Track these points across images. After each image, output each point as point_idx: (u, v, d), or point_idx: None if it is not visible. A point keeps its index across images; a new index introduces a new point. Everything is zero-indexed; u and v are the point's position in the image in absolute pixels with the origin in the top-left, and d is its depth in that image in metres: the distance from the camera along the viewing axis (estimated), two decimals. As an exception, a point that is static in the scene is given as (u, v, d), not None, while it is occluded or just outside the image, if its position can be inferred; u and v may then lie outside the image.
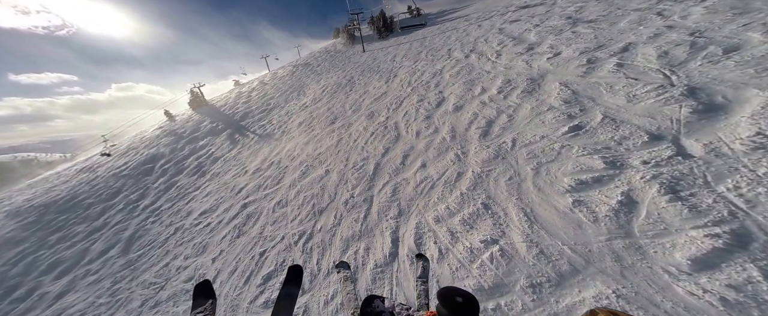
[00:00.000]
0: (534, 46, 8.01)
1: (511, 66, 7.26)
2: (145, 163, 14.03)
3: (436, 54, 11.94)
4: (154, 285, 6.05)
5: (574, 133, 3.90)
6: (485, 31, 12.44)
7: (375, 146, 5.95)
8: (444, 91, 7.52)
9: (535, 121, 4.58)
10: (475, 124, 5.30)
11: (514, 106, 5.41)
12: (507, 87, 6.20)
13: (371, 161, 5.33)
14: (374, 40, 29.72)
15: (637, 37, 5.98)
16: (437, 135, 5.49)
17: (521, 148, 4.06)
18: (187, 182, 10.46)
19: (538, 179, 3.39)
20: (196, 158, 12.31)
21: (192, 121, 19.20)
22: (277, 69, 31.97)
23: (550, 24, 9.34)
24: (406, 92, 8.67)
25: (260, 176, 8.02)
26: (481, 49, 9.89)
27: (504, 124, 4.93)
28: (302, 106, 13.09)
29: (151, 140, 17.84)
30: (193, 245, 6.65)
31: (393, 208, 3.86)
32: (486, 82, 6.91)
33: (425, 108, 6.92)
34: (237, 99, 21.84)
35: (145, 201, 10.24)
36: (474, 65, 8.56)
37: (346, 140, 6.96)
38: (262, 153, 9.68)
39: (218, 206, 7.81)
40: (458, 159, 4.43)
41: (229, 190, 8.36)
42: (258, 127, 13.10)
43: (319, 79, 18.07)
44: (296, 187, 6.28)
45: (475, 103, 6.07)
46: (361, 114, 8.49)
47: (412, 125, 6.27)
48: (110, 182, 12.96)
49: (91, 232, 9.69)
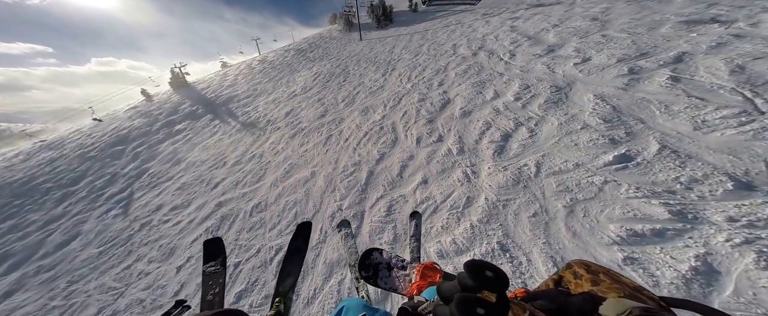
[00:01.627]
0: (554, 48, 7.21)
1: (528, 69, 6.49)
2: (114, 144, 12.92)
3: (440, 49, 11.13)
4: (113, 291, 5.40)
5: (621, 165, 3.14)
6: (494, 27, 11.63)
7: (368, 150, 5.29)
8: (449, 92, 6.76)
9: (566, 142, 3.79)
10: (488, 136, 4.55)
11: (535, 118, 4.63)
12: (525, 93, 5.45)
13: (364, 168, 4.70)
14: (372, 28, 28.64)
15: (691, 46, 5.06)
16: (441, 145, 4.79)
17: (549, 177, 3.34)
18: (159, 169, 9.62)
19: (572, 221, 2.72)
20: (172, 142, 11.38)
21: (171, 103, 17.92)
22: (267, 52, 30.47)
23: (572, 25, 8.44)
24: (405, 89, 7.97)
25: (240, 171, 7.34)
26: (491, 47, 9.01)
27: (524, 141, 4.13)
28: (291, 95, 12.27)
29: (123, 120, 16.53)
30: (159, 246, 5.99)
31: (387, 231, 3.28)
32: (499, 86, 6.15)
33: (427, 109, 6.18)
34: (222, 82, 20.57)
35: (112, 189, 9.35)
36: (483, 64, 7.75)
37: (335, 138, 6.33)
38: (244, 143, 8.94)
39: (191, 201, 7.12)
40: (467, 179, 3.76)
41: (204, 183, 7.64)
42: (242, 113, 12.22)
43: (311, 67, 17.12)
44: (278, 188, 5.67)
45: (487, 109, 5.33)
46: (354, 109, 7.84)
47: (412, 129, 5.56)
48: (74, 164, 11.85)
49: (48, 221, 8.78)
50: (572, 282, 0.61)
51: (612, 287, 0.54)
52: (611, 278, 0.57)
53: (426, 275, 0.97)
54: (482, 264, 0.46)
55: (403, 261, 1.07)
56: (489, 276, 0.44)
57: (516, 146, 4.07)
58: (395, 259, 1.09)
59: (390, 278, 1.04)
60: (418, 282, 0.96)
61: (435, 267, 1.00)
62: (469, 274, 0.45)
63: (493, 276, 0.45)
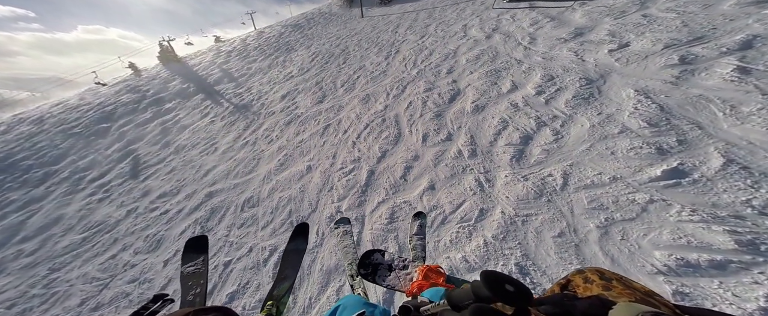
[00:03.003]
0: (583, 30, 6.24)
1: (552, 56, 5.68)
2: (99, 121, 12.35)
3: (448, 30, 10.24)
4: (97, 281, 5.20)
5: (671, 182, 2.60)
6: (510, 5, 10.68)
7: (369, 145, 4.89)
8: (459, 81, 6.08)
9: (600, 150, 3.23)
10: (505, 137, 3.98)
11: (562, 117, 3.95)
12: (549, 86, 4.72)
13: (364, 166, 4.34)
14: (374, 4, 27.20)
15: (765, 28, 4.03)
16: (451, 145, 4.27)
17: (579, 191, 2.87)
18: (147, 151, 9.21)
19: (607, 244, 2.34)
20: (161, 123, 10.87)
21: (159, 79, 17.08)
22: (263, 27, 29.00)
23: (605, 3, 7.34)
24: (410, 75, 7.37)
25: (231, 159, 6.99)
26: (506, 29, 8.11)
27: (548, 145, 3.57)
28: (287, 76, 11.65)
29: (108, 96, 15.77)
30: (146, 236, 5.75)
31: (390, 241, 2.98)
32: (518, 76, 5.40)
33: (435, 101, 5.59)
34: (215, 58, 19.59)
35: (95, 171, 8.97)
36: (499, 49, 6.93)
37: (334, 128, 5.93)
38: (237, 128, 8.51)
39: (180, 189, 6.81)
40: (480, 188, 3.33)
41: (194, 170, 7.31)
42: (234, 94, 11.64)
43: (309, 45, 16.27)
44: (271, 181, 5.37)
45: (503, 104, 4.69)
46: (354, 95, 7.38)
47: (418, 124, 5.04)
48: (56, 141, 11.34)
49: (28, 202, 8.46)
50: (581, 286, 0.58)
51: (623, 292, 0.52)
52: (624, 284, 0.54)
53: (429, 276, 0.94)
54: (502, 277, 0.46)
55: (404, 261, 1.04)
56: (510, 291, 0.43)
57: (538, 151, 3.53)
58: (397, 260, 1.06)
59: (389, 276, 1.01)
60: (419, 281, 0.93)
61: (439, 270, 0.97)
62: (487, 285, 0.44)
63: (514, 291, 0.43)
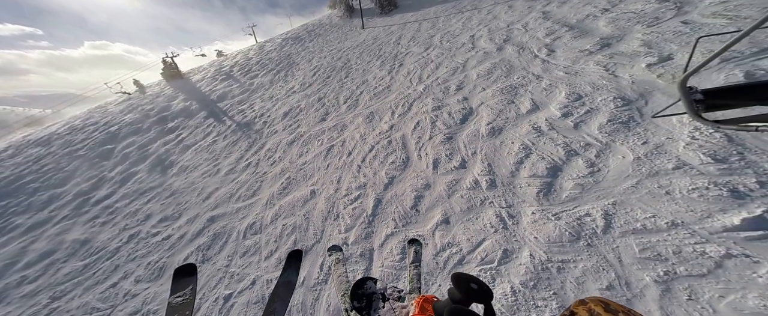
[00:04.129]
0: (610, 41, 5.73)
1: (576, 70, 5.22)
2: (104, 143, 12.57)
3: (455, 41, 10.03)
4: (97, 312, 5.14)
5: (758, 234, 2.18)
6: (521, 14, 10.10)
7: (375, 170, 4.71)
8: (471, 99, 5.71)
9: (650, 188, 2.77)
10: (528, 166, 3.60)
11: (596, 146, 3.49)
12: (577, 107, 4.23)
13: (370, 193, 4.20)
14: (375, 15, 27.65)
15: None
16: (465, 173, 3.93)
17: (626, 236, 2.48)
18: (149, 174, 9.28)
19: (670, 304, 2.00)
20: (163, 143, 11.01)
21: (163, 97, 17.44)
22: (264, 41, 29.64)
23: (631, 8, 6.74)
24: (416, 91, 7.17)
25: (234, 181, 6.98)
26: (520, 40, 7.71)
27: (582, 179, 3.15)
28: (289, 91, 11.77)
29: (113, 116, 16.12)
30: (148, 263, 5.71)
31: (403, 279, 2.87)
32: (538, 93, 5.00)
33: (445, 122, 5.26)
34: (216, 74, 19.99)
35: (99, 193, 9.05)
36: (513, 63, 6.48)
37: (338, 150, 5.88)
38: (239, 148, 8.55)
39: (182, 213, 6.81)
40: (503, 225, 3.01)
41: (196, 193, 7.31)
42: (237, 111, 11.77)
43: (310, 59, 16.50)
44: (274, 206, 5.31)
45: (524, 127, 4.28)
46: (357, 113, 7.36)
47: (427, 147, 4.74)
48: (62, 163, 11.55)
49: (32, 227, 8.54)
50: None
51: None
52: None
53: (425, 308, 0.90)
54: (468, 277, 0.53)
55: (400, 292, 1.02)
56: (473, 288, 0.51)
57: (570, 185, 3.14)
58: (390, 289, 1.03)
59: (384, 309, 0.98)
60: (415, 314, 0.89)
61: (435, 300, 0.95)
62: (455, 285, 0.52)
63: (478, 288, 0.51)
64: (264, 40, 31.06)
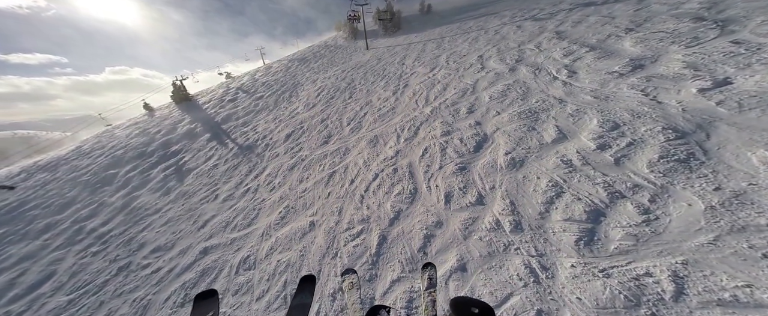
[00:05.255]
0: (643, 61, 5.26)
1: (607, 94, 4.72)
2: (108, 167, 12.67)
3: (462, 61, 9.78)
4: (74, 357, 4.77)
5: None
6: (531, 34, 9.89)
7: (380, 201, 4.32)
8: (484, 124, 5.29)
9: (735, 247, 2.23)
10: (561, 208, 3.07)
11: (649, 188, 2.94)
12: (615, 137, 3.68)
13: (374, 228, 3.80)
14: (379, 36, 28.47)
15: None
16: (484, 211, 3.43)
17: (710, 308, 1.97)
18: (148, 199, 9.15)
19: None
20: (164, 167, 10.99)
21: (170, 119, 17.82)
22: (271, 63, 30.69)
23: (661, 27, 6.31)
24: (423, 114, 6.83)
25: (231, 208, 6.73)
26: (534, 60, 7.36)
27: (635, 229, 2.62)
28: (292, 113, 11.78)
29: (120, 139, 16.45)
30: (133, 300, 5.37)
31: None
32: (563, 119, 4.47)
33: (456, 149, 4.80)
34: (223, 96, 20.50)
35: (96, 221, 8.91)
36: (529, 85, 6.13)
37: (340, 177, 5.60)
38: (239, 172, 8.39)
39: (175, 243, 6.53)
40: (534, 278, 2.53)
41: (192, 221, 7.07)
42: (240, 134, 11.78)
43: (315, 79, 16.77)
44: (270, 238, 4.99)
45: (550, 159, 3.75)
46: (361, 136, 7.15)
47: (437, 178, 4.33)
48: (65, 190, 11.59)
49: (24, 257, 8.36)
50: None
51: None
52: None
53: None
54: (468, 301, 0.53)
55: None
56: (475, 313, 0.51)
57: (619, 235, 2.59)
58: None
59: None
60: None
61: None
62: (455, 312, 0.53)
63: (479, 312, 0.52)
64: (271, 61, 32.19)
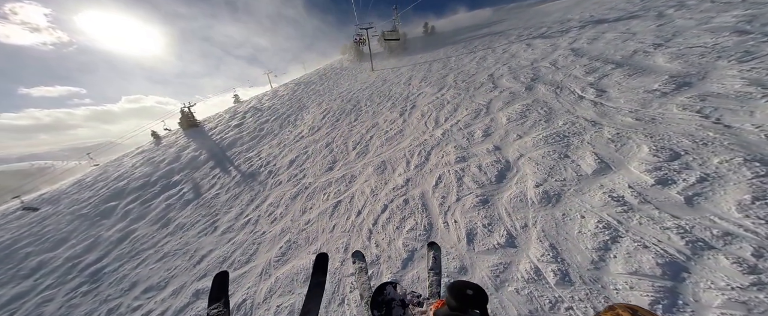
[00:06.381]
0: (688, 79, 4.76)
1: (652, 116, 4.19)
2: (109, 199, 12.60)
3: (471, 80, 9.55)
4: None
5: None
6: (544, 52, 9.67)
7: (390, 237, 3.84)
8: (505, 149, 4.83)
9: None
10: (622, 257, 2.54)
11: (750, 238, 2.35)
12: (677, 170, 3.16)
13: (384, 271, 3.24)
14: (383, 58, 29.14)
15: None
16: (517, 255, 2.93)
17: None
18: (145, 232, 8.87)
19: None
20: (166, 198, 10.81)
21: (176, 147, 18.03)
22: (278, 87, 31.56)
23: (698, 42, 5.96)
24: (433, 137, 6.45)
25: (229, 242, 6.36)
26: (552, 79, 6.98)
27: (738, 293, 2.10)
28: (297, 137, 11.67)
29: (125, 170, 16.61)
30: (118, 353, 4.89)
31: None
32: (601, 146, 3.96)
33: (475, 178, 4.35)
34: (230, 121, 20.84)
35: (90, 257, 8.62)
36: (551, 105, 5.74)
37: (345, 207, 5.22)
38: (240, 202, 8.09)
39: (168, 281, 6.12)
40: None
41: (188, 257, 6.69)
42: (244, 160, 11.66)
43: (320, 102, 16.90)
44: (269, 278, 4.55)
45: (595, 194, 3.24)
46: (367, 161, 6.83)
47: (455, 212, 3.83)
48: (62, 225, 11.48)
49: (12, 299, 8.03)
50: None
51: None
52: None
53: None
54: (464, 284, 0.56)
55: (419, 297, 1.00)
56: (469, 294, 0.55)
57: (718, 300, 2.06)
58: (410, 295, 1.04)
59: (404, 315, 0.99)
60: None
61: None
62: (451, 295, 0.55)
63: (473, 294, 0.55)
64: (278, 85, 33.13)
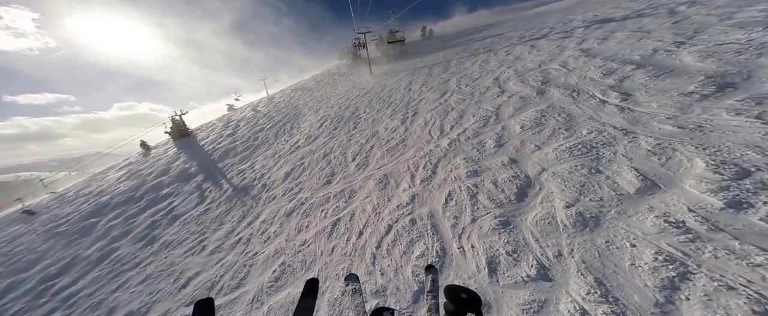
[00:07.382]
0: (732, 80, 4.34)
1: (698, 123, 3.78)
2: (89, 216, 12.09)
3: (476, 85, 9.26)
4: None
5: None
6: (551, 53, 9.43)
7: (396, 263, 3.43)
8: (523, 162, 4.39)
9: None
10: (697, 300, 2.12)
11: None
12: (750, 189, 2.68)
13: (393, 306, 3.09)
14: (382, 62, 29.09)
15: None
16: (553, 290, 2.50)
17: None
18: (128, 251, 8.39)
19: None
20: (151, 213, 10.35)
21: (165, 159, 17.58)
22: (275, 93, 31.36)
23: (727, 39, 5.62)
24: (439, 147, 6.07)
25: (219, 263, 5.93)
26: (565, 81, 6.68)
27: None
28: (293, 147, 11.32)
29: (109, 183, 16.10)
30: None
31: None
32: (641, 160, 3.53)
33: (491, 196, 3.93)
34: (223, 130, 20.47)
35: (65, 279, 8.10)
36: (570, 110, 5.38)
37: (345, 227, 4.84)
38: (232, 218, 7.68)
39: (150, 307, 5.68)
40: None
41: (172, 279, 6.24)
42: (236, 172, 11.26)
43: (317, 108, 16.63)
44: (262, 306, 4.13)
45: (647, 219, 2.76)
46: (368, 175, 6.48)
47: (472, 235, 3.39)
48: (36, 243, 10.92)
49: (-21, 328, 7.48)
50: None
51: None
52: None
53: None
54: (459, 288, 0.59)
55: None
56: (464, 298, 0.58)
57: None
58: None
59: None
60: None
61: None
62: (448, 298, 0.59)
63: (467, 297, 0.58)
64: (275, 91, 32.93)
